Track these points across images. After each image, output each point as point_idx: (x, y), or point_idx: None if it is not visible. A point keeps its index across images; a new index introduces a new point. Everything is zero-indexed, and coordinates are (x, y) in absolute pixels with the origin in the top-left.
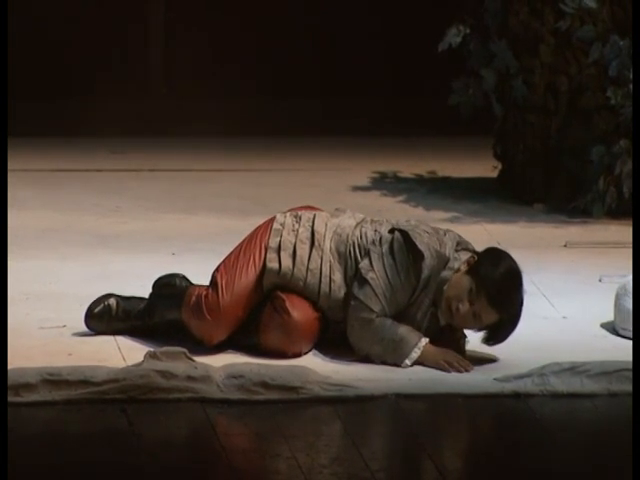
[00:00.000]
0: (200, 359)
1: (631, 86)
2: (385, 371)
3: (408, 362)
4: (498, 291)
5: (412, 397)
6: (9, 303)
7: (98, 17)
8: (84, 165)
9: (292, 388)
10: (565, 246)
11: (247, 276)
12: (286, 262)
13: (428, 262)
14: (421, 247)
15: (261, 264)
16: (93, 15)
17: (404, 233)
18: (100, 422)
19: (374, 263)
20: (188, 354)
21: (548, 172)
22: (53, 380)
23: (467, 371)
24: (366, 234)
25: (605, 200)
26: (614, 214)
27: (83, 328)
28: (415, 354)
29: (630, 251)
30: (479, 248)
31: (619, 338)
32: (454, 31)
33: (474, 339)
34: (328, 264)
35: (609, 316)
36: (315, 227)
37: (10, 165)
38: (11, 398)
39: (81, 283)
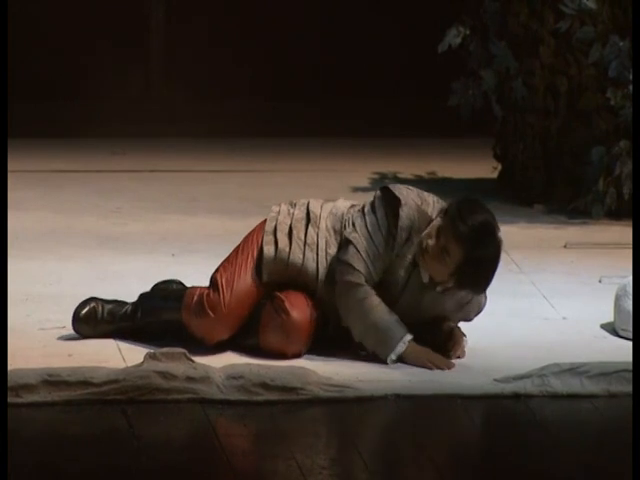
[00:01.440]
0: (200, 360)
1: (631, 87)
2: (385, 372)
3: (394, 357)
4: (464, 223)
5: (412, 398)
6: (9, 304)
7: (98, 18)
8: (84, 166)
9: (292, 389)
10: (565, 247)
11: (246, 272)
12: (283, 241)
13: (407, 210)
14: (399, 195)
15: (258, 258)
16: (93, 15)
17: (383, 187)
18: (100, 423)
19: (356, 224)
20: (188, 355)
21: (548, 173)
22: (53, 381)
23: (449, 369)
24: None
25: (605, 201)
26: (614, 215)
27: None
28: (400, 348)
29: (630, 252)
30: None
31: (619, 339)
32: (454, 32)
33: (473, 339)
34: (324, 240)
35: (609, 317)
36: (310, 208)
37: (10, 166)
38: (11, 399)
39: (81, 284)
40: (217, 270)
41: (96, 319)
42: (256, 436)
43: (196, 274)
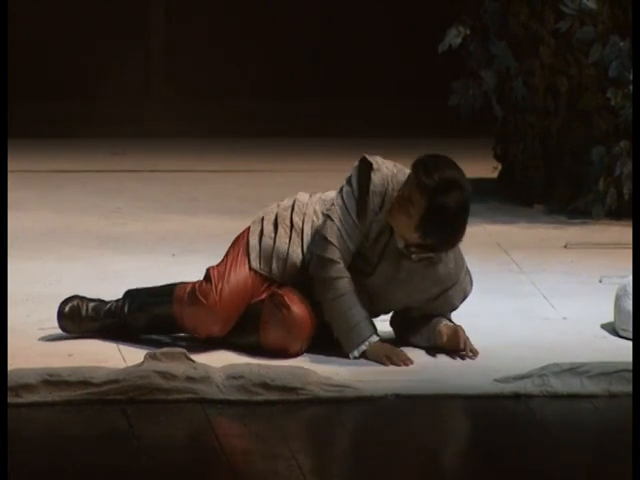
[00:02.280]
0: (200, 360)
1: (631, 87)
2: (385, 372)
3: (356, 354)
4: (428, 174)
5: (412, 398)
6: (9, 304)
7: (98, 18)
8: (84, 166)
9: (292, 389)
10: (565, 247)
11: (237, 264)
12: (268, 229)
13: (379, 175)
14: (373, 161)
15: (248, 249)
16: (93, 16)
17: (360, 158)
18: (100, 423)
19: (335, 198)
20: (188, 355)
21: (548, 173)
22: (53, 381)
23: (406, 365)
24: None
25: (605, 201)
26: (614, 215)
27: None
28: (364, 347)
29: (630, 252)
30: (479, 249)
31: (619, 339)
32: (454, 32)
33: (473, 339)
34: (310, 224)
35: (609, 317)
36: (297, 196)
37: (10, 166)
38: (11, 399)
39: (81, 284)
40: (211, 266)
41: (80, 316)
42: (256, 436)
43: (196, 274)
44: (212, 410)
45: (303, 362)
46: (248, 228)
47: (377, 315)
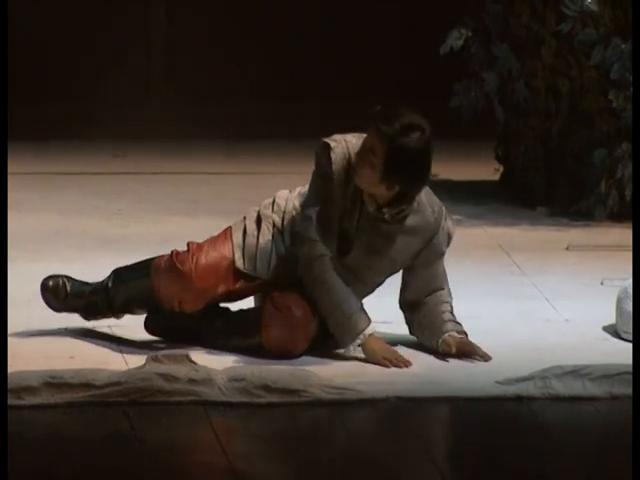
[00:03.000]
0: (202, 362)
1: (632, 89)
2: (387, 374)
3: (352, 349)
4: (385, 121)
5: (414, 400)
6: (11, 306)
7: (99, 20)
8: (85, 168)
9: (294, 391)
10: (567, 249)
11: (217, 244)
12: (251, 226)
13: (338, 150)
14: (329, 141)
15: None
16: (94, 18)
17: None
18: (102, 425)
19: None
20: (190, 357)
21: (550, 175)
22: (55, 383)
23: (406, 367)
24: None
25: (607, 203)
26: (616, 217)
27: (85, 332)
28: (360, 340)
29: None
30: (480, 251)
31: (621, 341)
32: (456, 34)
33: (475, 341)
34: (290, 220)
35: (611, 319)
36: (277, 194)
37: (11, 168)
38: (13, 401)
39: None
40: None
41: (65, 292)
42: (258, 438)
43: None
44: (214, 412)
45: (305, 364)
46: (230, 227)
47: (369, 291)
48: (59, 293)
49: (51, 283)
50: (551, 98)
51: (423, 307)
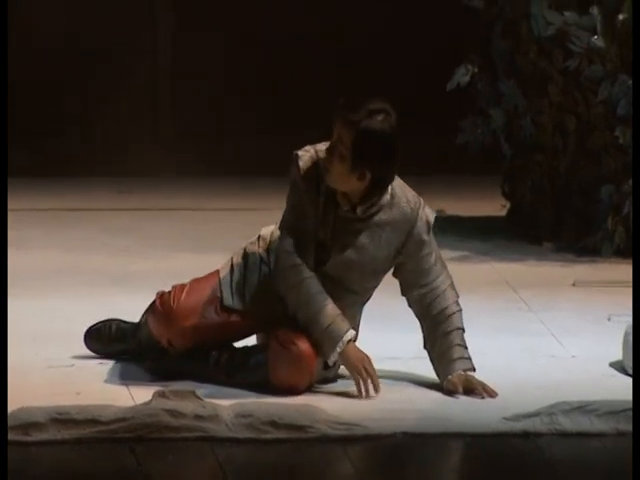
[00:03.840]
0: (209, 398)
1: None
2: (393, 410)
3: (333, 359)
4: (350, 109)
5: (420, 436)
6: (17, 343)
7: (103, 55)
8: (92, 204)
9: (300, 427)
10: (574, 285)
11: (200, 283)
12: (237, 262)
13: (306, 158)
14: (297, 152)
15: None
16: (98, 52)
17: None
18: (109, 461)
19: None
20: (197, 393)
21: (557, 211)
22: (62, 419)
23: (375, 388)
24: None
25: (614, 239)
26: (623, 253)
27: (91, 367)
28: (339, 348)
29: None
30: (487, 287)
31: (628, 377)
32: (462, 70)
33: (482, 378)
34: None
35: (618, 355)
36: (261, 232)
37: (17, 204)
38: (20, 437)
39: (90, 323)
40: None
41: (109, 337)
42: (265, 475)
43: None
44: (221, 448)
45: (311, 400)
46: (217, 270)
47: (363, 300)
48: (102, 338)
49: (94, 328)
50: (558, 135)
51: (433, 330)
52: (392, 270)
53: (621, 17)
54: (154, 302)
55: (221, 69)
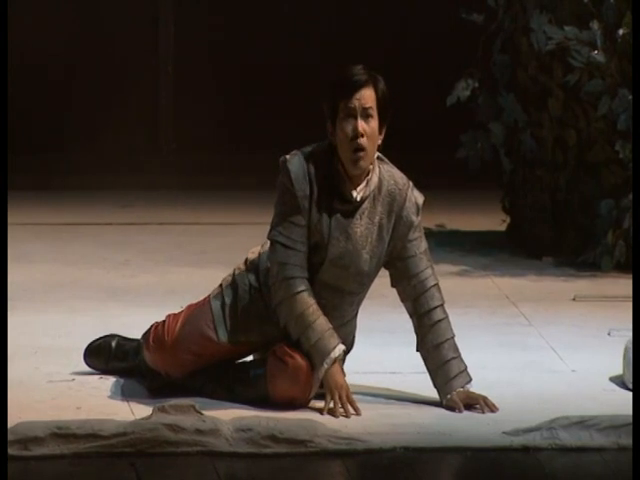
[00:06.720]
0: (209, 412)
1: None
2: (394, 425)
3: (321, 375)
4: (350, 76)
5: (421, 450)
6: (18, 357)
7: (106, 67)
8: (93, 219)
9: (301, 442)
10: (574, 299)
11: (194, 314)
12: (228, 294)
13: (295, 161)
14: (285, 156)
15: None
16: (104, 68)
17: None
18: (109, 476)
19: None
20: (197, 408)
21: (557, 226)
22: (62, 434)
23: (347, 417)
24: None
25: (614, 254)
26: (623, 268)
27: (92, 382)
28: (327, 365)
29: None
30: (487, 301)
31: (628, 392)
32: (462, 85)
33: (482, 392)
34: (264, 274)
35: (618, 370)
36: (248, 255)
37: (18, 219)
38: (20, 452)
39: (90, 337)
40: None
41: (109, 354)
42: None
43: None
44: (221, 463)
45: (312, 414)
46: (208, 296)
47: (359, 299)
48: (101, 356)
49: (94, 346)
50: (558, 149)
51: (423, 337)
52: (387, 271)
53: (621, 32)
54: (148, 333)
55: (223, 84)
